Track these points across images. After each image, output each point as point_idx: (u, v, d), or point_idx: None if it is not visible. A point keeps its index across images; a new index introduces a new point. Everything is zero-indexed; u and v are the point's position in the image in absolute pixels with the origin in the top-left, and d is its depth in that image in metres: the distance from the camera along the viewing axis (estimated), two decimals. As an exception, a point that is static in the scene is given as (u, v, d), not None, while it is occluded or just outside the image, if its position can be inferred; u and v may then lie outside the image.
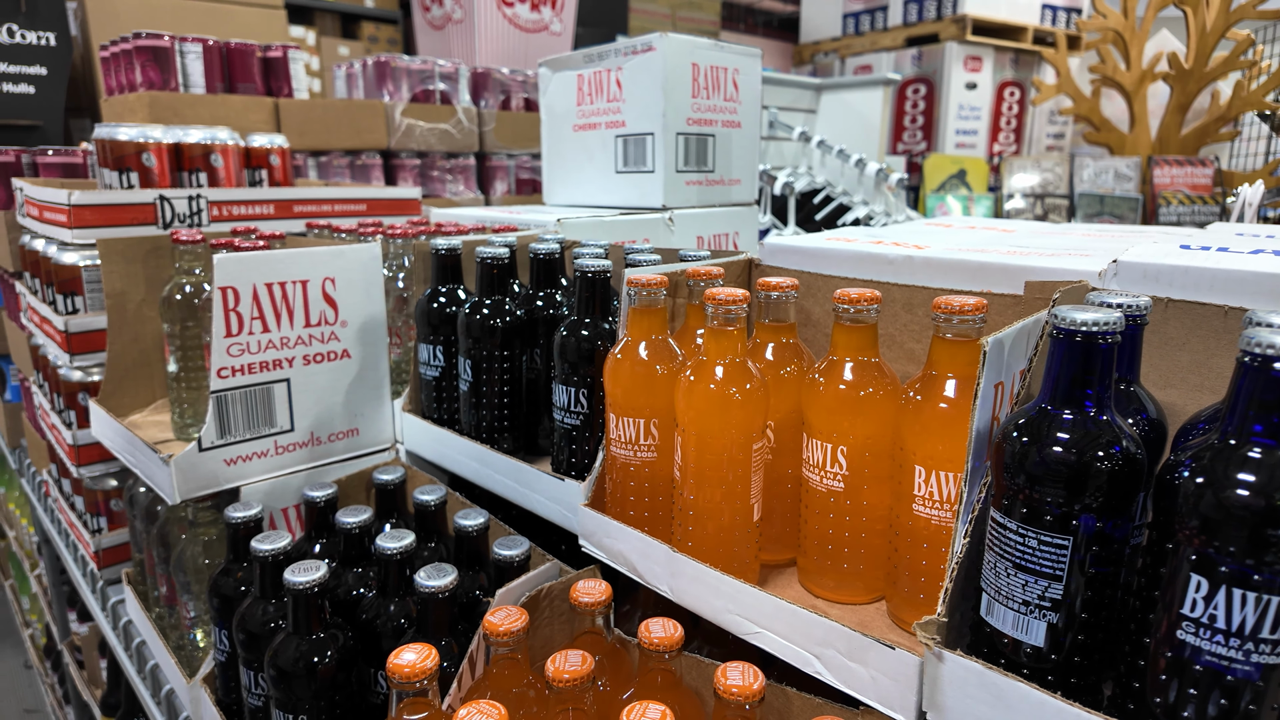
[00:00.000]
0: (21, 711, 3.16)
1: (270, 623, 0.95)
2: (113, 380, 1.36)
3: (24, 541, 2.85)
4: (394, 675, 0.73)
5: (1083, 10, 5.87)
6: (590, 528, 0.94)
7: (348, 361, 1.21)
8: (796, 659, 0.73)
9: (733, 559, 0.83)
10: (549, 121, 1.95)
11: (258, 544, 0.95)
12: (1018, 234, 1.19)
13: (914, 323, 0.94)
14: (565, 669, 0.73)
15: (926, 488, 0.72)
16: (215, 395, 1.08)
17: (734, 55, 1.75)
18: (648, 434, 0.88)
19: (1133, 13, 3.89)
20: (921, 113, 5.74)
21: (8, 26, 3.74)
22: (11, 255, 1.79)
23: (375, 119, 2.44)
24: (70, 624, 2.27)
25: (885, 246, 1.00)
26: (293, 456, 1.17)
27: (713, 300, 0.79)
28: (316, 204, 1.67)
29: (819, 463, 0.80)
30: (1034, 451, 0.57)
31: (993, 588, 0.60)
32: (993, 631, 0.61)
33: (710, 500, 0.82)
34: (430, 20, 4.11)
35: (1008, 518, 0.58)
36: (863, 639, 0.67)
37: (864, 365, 0.78)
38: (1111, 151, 4.18)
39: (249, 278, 1.08)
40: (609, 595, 0.85)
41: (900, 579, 0.77)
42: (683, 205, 1.73)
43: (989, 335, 0.63)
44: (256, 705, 0.98)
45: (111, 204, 1.43)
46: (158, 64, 2.00)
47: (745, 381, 0.79)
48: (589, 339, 0.99)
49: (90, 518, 1.55)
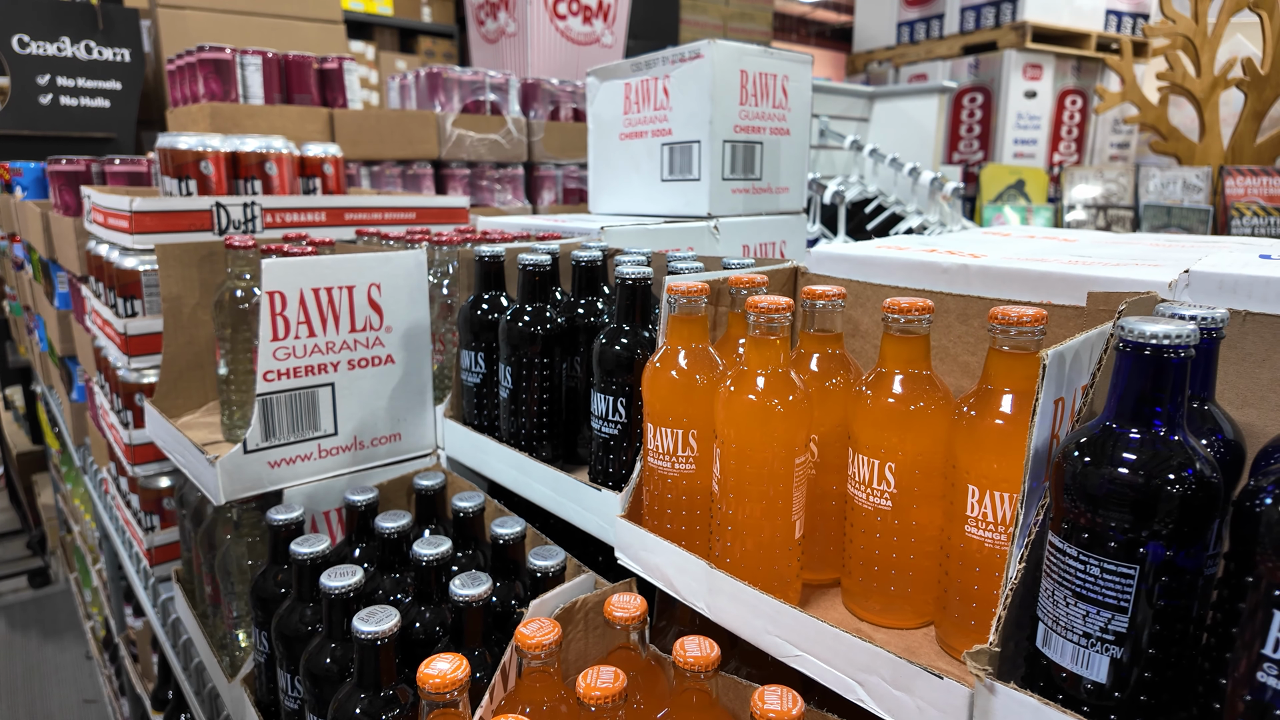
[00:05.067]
0: (81, 701, 3.28)
1: (307, 626, 0.95)
2: (167, 382, 1.40)
3: (87, 536, 2.96)
4: (424, 685, 0.72)
5: (1149, 16, 5.68)
6: (627, 540, 0.92)
7: (391, 367, 1.22)
8: (838, 685, 0.70)
9: (773, 577, 0.80)
10: (596, 130, 1.95)
11: (296, 547, 0.95)
12: (1080, 243, 1.13)
13: (968, 334, 0.90)
14: (597, 686, 0.71)
15: (980, 508, 0.68)
16: (261, 398, 1.09)
17: (783, 62, 1.72)
18: (686, 445, 0.86)
19: (1204, 17, 3.73)
20: (978, 122, 5.61)
21: (85, 43, 3.93)
22: (80, 260, 1.86)
23: (427, 129, 2.48)
24: (126, 618, 2.33)
25: (939, 255, 0.96)
26: (336, 460, 1.18)
27: (754, 308, 0.76)
28: (367, 212, 1.70)
29: (865, 480, 0.76)
30: (1097, 472, 0.53)
31: (1050, 617, 0.56)
32: (1050, 664, 0.57)
33: (750, 516, 0.79)
34: (484, 34, 4.17)
35: (1067, 543, 0.55)
36: (909, 666, 0.64)
37: (915, 378, 0.74)
38: (1179, 161, 4.01)
39: (296, 282, 1.09)
40: (644, 611, 0.83)
41: (950, 604, 0.73)
42: (729, 214, 1.70)
43: (1049, 348, 0.59)
44: (293, 708, 0.98)
45: (170, 210, 1.47)
46: (219, 76, 2.06)
47: (788, 393, 0.76)
48: (628, 347, 0.97)
49: (144, 515, 1.59)
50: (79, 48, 3.90)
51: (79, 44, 3.89)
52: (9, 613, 3.95)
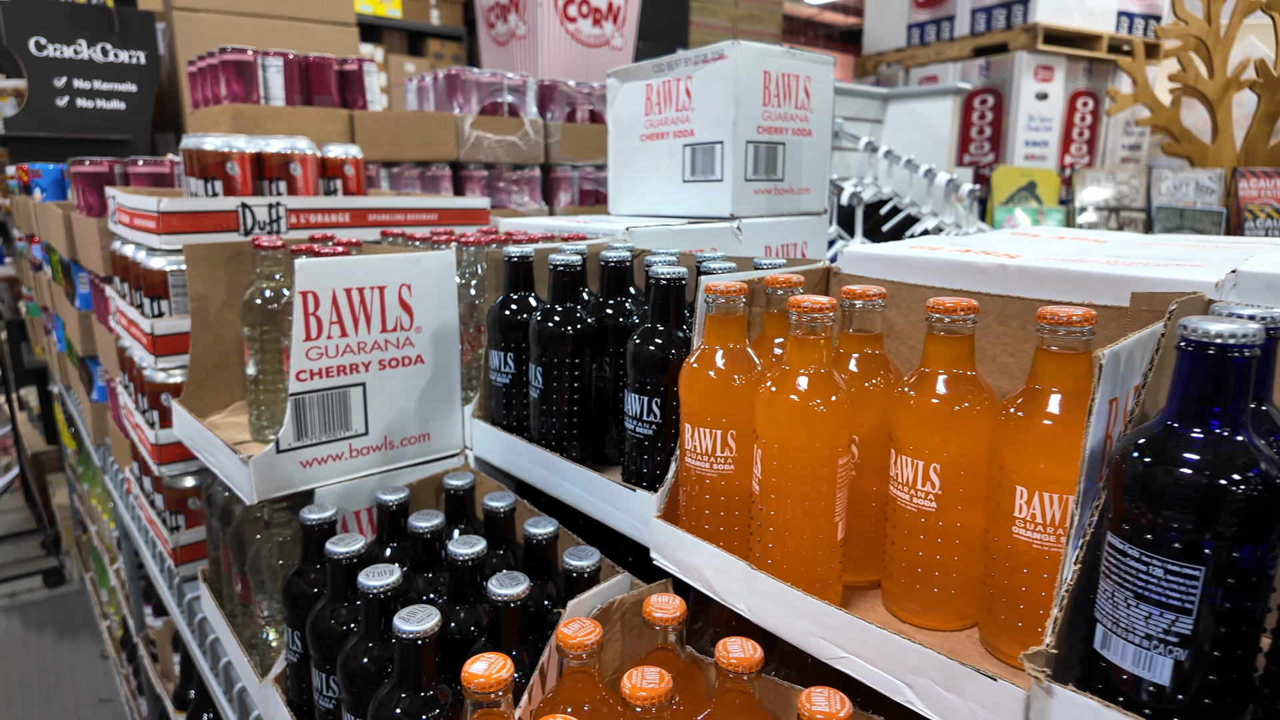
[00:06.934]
0: (97, 700, 3.29)
1: (343, 626, 0.95)
2: (194, 382, 1.40)
3: (104, 536, 2.97)
4: (468, 685, 0.72)
5: (1161, 17, 5.66)
6: (663, 541, 0.92)
7: (421, 367, 1.22)
8: (886, 687, 0.69)
9: (814, 579, 0.80)
10: (616, 132, 1.95)
11: (332, 547, 0.95)
12: (1111, 244, 1.13)
13: (1007, 335, 0.89)
14: (643, 686, 0.71)
15: (1028, 509, 0.68)
16: (293, 398, 1.09)
17: (806, 63, 1.72)
18: (725, 446, 0.86)
19: (1217, 19, 3.71)
20: (989, 124, 5.60)
21: (102, 46, 3.95)
22: (103, 260, 1.87)
23: (445, 131, 2.48)
24: (145, 617, 2.34)
25: (974, 255, 0.96)
26: (366, 460, 1.18)
27: (797, 307, 0.76)
28: (389, 213, 1.70)
29: (909, 481, 0.76)
30: (1160, 473, 0.53)
31: (1110, 619, 0.56)
32: (1109, 666, 0.56)
33: (792, 517, 0.79)
34: (495, 36, 4.18)
35: (1128, 544, 0.54)
36: (961, 668, 0.63)
37: (959, 378, 0.74)
38: (1192, 163, 4.00)
39: (329, 283, 1.09)
40: (684, 612, 0.82)
41: (995, 605, 0.72)
42: (751, 214, 1.70)
43: (1106, 348, 0.59)
44: (328, 708, 0.98)
45: (197, 211, 1.47)
46: (241, 77, 2.07)
47: (831, 393, 0.76)
48: (663, 347, 0.97)
49: (169, 515, 1.59)
50: (95, 50, 3.92)
51: (95, 46, 3.91)
52: (24, 612, 3.97)
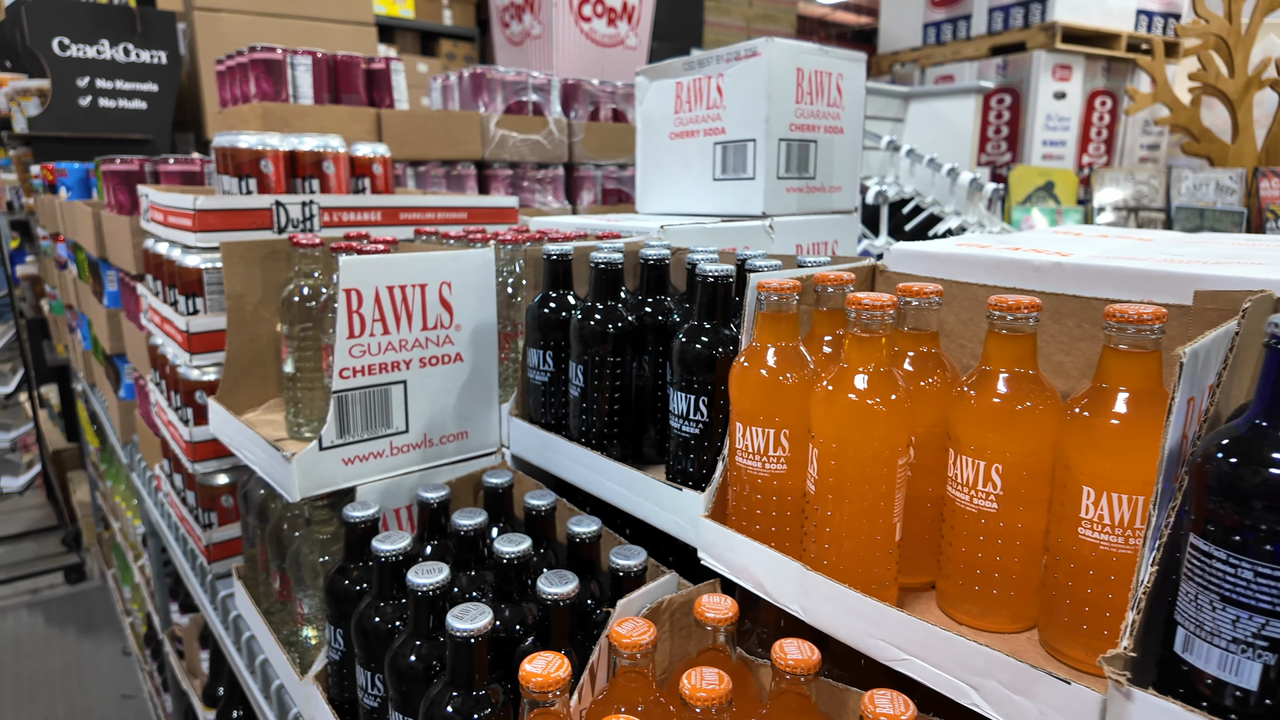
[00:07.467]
0: (119, 696, 3.31)
1: (389, 624, 0.95)
2: (230, 379, 1.40)
3: (128, 532, 2.99)
4: (526, 684, 0.71)
5: (1181, 16, 5.60)
6: (711, 540, 0.91)
7: (460, 365, 1.22)
8: (950, 689, 0.68)
9: (871, 580, 0.79)
10: (644, 130, 1.95)
11: (378, 544, 0.95)
12: (1159, 242, 1.11)
13: (1062, 334, 0.88)
14: (703, 687, 0.70)
15: (1095, 510, 0.67)
16: (336, 395, 1.09)
17: (838, 60, 1.71)
18: (778, 445, 0.85)
19: (1238, 17, 3.67)
20: (1006, 123, 5.57)
21: (124, 46, 3.97)
22: (135, 259, 1.88)
23: (471, 130, 2.48)
24: (172, 614, 2.35)
25: (1027, 253, 0.95)
26: (406, 458, 1.18)
27: (857, 305, 0.76)
28: (420, 211, 1.70)
29: (969, 481, 0.75)
30: (1249, 473, 0.52)
31: (1192, 622, 0.55)
32: (1190, 670, 0.55)
33: (849, 517, 0.78)
34: (509, 36, 4.18)
35: (1214, 546, 0.53)
36: (1031, 670, 0.62)
37: (1022, 377, 0.73)
38: (1212, 163, 3.96)
39: (372, 280, 1.09)
40: (736, 612, 0.82)
41: (1058, 607, 0.71)
42: (783, 213, 1.69)
43: (1186, 346, 0.58)
44: (373, 706, 0.98)
45: (232, 209, 1.48)
46: (271, 76, 2.08)
47: (891, 391, 0.75)
48: (710, 345, 0.96)
49: (201, 512, 1.60)
50: (117, 50, 3.94)
51: (117, 46, 3.94)
52: (46, 608, 4.00)
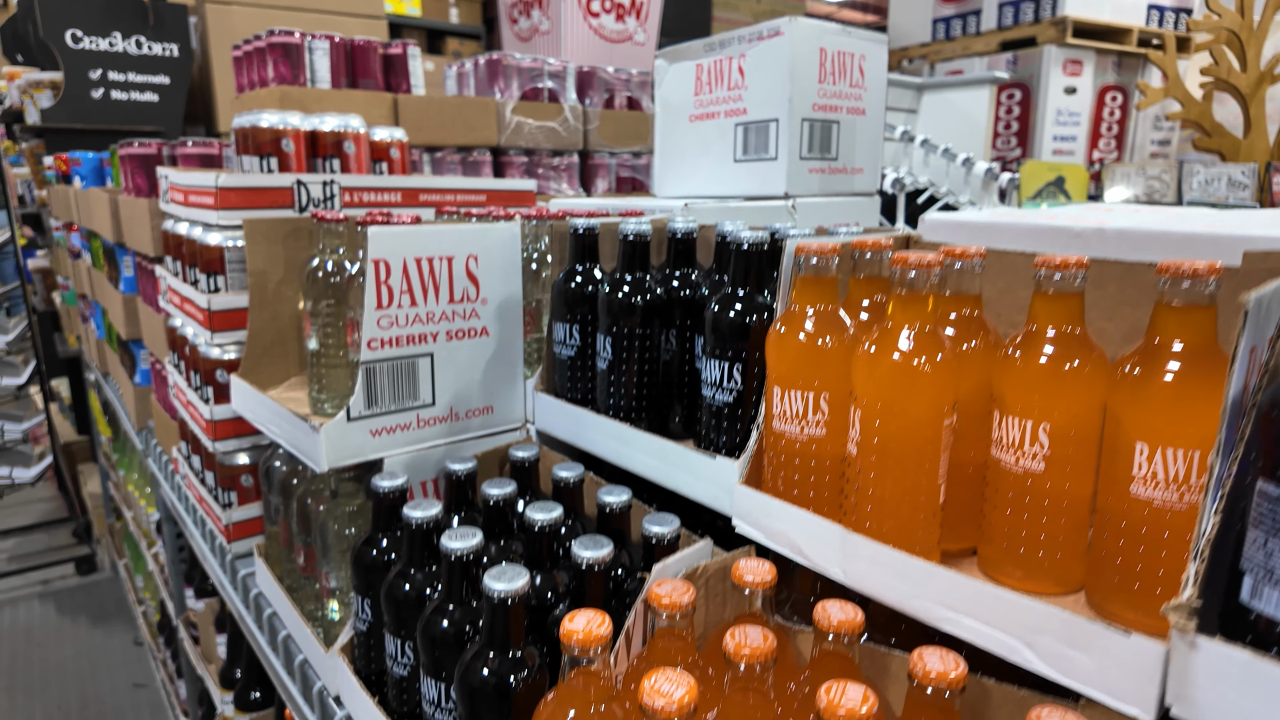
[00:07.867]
0: (131, 685, 3.31)
1: (420, 590, 0.95)
2: (252, 357, 1.40)
3: (141, 521, 2.99)
4: (568, 641, 0.70)
5: (1193, 10, 5.58)
6: (747, 506, 0.91)
7: (486, 339, 1.21)
8: (1002, 648, 0.68)
9: (914, 543, 0.78)
10: (663, 114, 1.94)
11: (410, 511, 0.95)
12: (1195, 215, 1.10)
13: (1104, 299, 0.87)
14: (747, 644, 0.69)
15: (1149, 466, 0.66)
16: (365, 366, 1.09)
17: (861, 41, 1.70)
18: (817, 409, 0.84)
19: (1250, 11, 3.65)
20: (1016, 118, 5.54)
21: (136, 38, 3.98)
22: (154, 240, 1.88)
23: (487, 116, 2.48)
24: (186, 600, 2.35)
25: (1065, 220, 0.94)
26: (432, 431, 1.18)
27: (903, 263, 0.75)
28: (440, 193, 1.70)
29: (1015, 442, 0.74)
30: (1321, 415, 0.51)
31: (1262, 569, 0.54)
32: (1258, 618, 0.54)
33: (892, 480, 0.77)
34: (517, 32, 4.18)
35: (1283, 490, 0.52)
36: (1087, 624, 0.62)
37: (1070, 337, 0.72)
38: (1223, 158, 3.93)
39: (400, 251, 1.09)
40: (774, 576, 0.81)
41: (1106, 567, 0.70)
42: (805, 193, 1.68)
43: (1250, 292, 0.57)
44: (402, 674, 0.97)
45: (254, 187, 1.47)
46: (289, 60, 2.08)
47: (937, 351, 0.74)
48: (745, 311, 0.95)
49: (221, 492, 1.59)
50: (130, 43, 3.95)
51: (130, 39, 3.95)
52: (58, 599, 4.01)
